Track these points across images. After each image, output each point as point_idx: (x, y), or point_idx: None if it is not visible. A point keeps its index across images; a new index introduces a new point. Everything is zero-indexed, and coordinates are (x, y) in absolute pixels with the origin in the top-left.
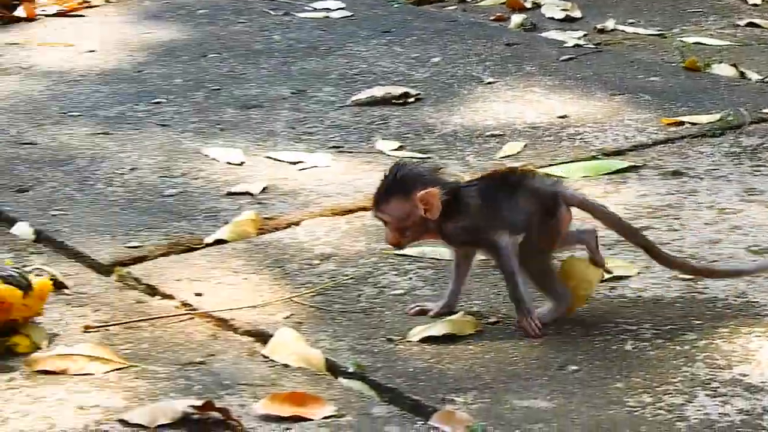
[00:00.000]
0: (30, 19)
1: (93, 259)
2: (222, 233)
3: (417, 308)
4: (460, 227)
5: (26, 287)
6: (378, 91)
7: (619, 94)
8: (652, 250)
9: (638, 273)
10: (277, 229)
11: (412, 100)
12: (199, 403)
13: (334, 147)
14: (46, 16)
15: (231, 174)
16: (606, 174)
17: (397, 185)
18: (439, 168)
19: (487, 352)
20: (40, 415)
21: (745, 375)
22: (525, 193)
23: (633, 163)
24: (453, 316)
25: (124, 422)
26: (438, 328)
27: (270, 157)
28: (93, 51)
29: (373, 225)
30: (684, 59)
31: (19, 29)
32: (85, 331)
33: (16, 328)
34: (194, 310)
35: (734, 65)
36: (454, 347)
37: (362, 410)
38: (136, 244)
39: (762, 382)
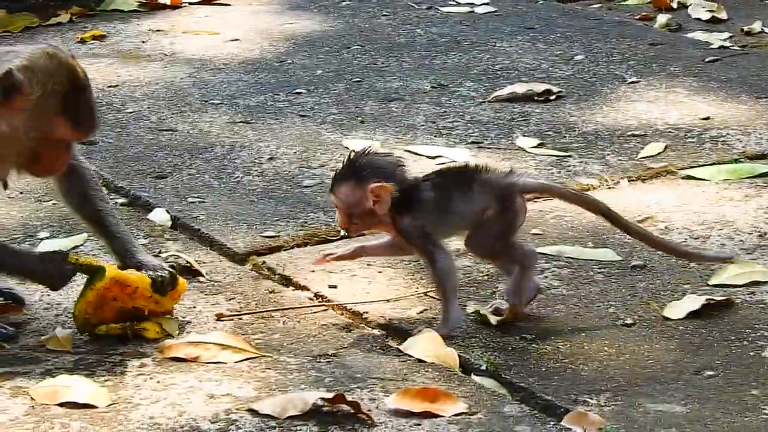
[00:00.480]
0: (175, 6)
1: (228, 248)
2: None
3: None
4: (413, 225)
5: (165, 289)
6: (519, 88)
7: (765, 97)
8: (616, 220)
9: None
10: None
11: (553, 97)
12: (329, 395)
13: (473, 142)
14: (191, 3)
15: None
16: (748, 178)
17: (353, 172)
18: (401, 162)
19: (622, 354)
20: (170, 402)
21: None
22: (479, 187)
23: None
24: None
25: (253, 412)
26: None
27: (409, 151)
28: (236, 40)
29: None
30: None
31: (163, 16)
32: (218, 320)
33: (142, 317)
34: (328, 301)
35: None
36: (588, 347)
37: (493, 408)
38: (271, 233)
39: None
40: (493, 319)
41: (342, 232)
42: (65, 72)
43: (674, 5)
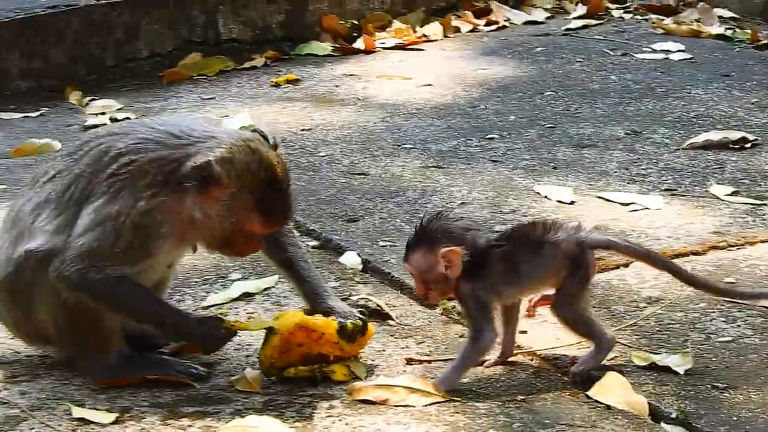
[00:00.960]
0: (369, 51)
1: None
2: None
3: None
4: (473, 291)
5: (354, 336)
6: (715, 135)
7: None
8: (681, 274)
9: None
10: (605, 270)
11: (749, 145)
12: None
13: (666, 189)
14: (384, 48)
15: (561, 212)
16: None
17: (424, 237)
18: (473, 226)
19: None
20: None
21: None
22: (550, 249)
23: None
24: None
25: None
26: None
27: (601, 197)
28: (429, 85)
29: (704, 271)
30: None
31: (357, 61)
32: (407, 364)
33: (328, 362)
34: (518, 347)
35: None
36: None
37: None
38: None
39: None
40: (681, 368)
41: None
42: (264, 168)
43: None
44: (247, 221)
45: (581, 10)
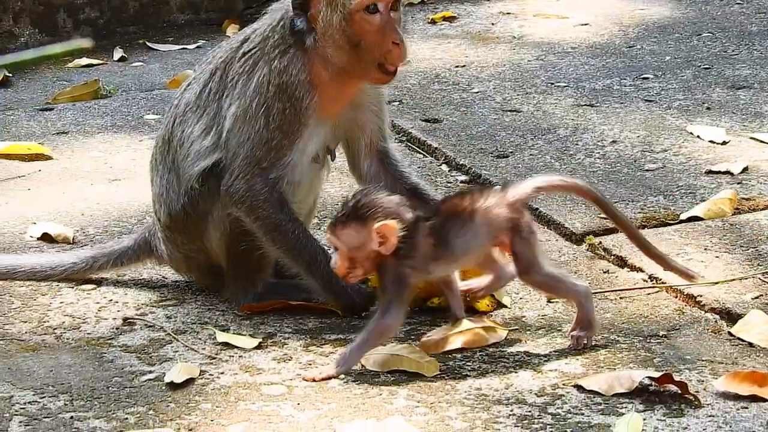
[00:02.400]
0: None
1: (566, 227)
2: (698, 210)
3: None
4: (395, 267)
5: None
6: None
7: None
8: (605, 206)
9: None
10: (754, 210)
11: None
12: (657, 375)
13: None
14: None
15: (712, 153)
16: None
17: (355, 213)
18: (405, 201)
19: None
20: (498, 374)
21: None
22: (482, 217)
23: None
24: None
25: (580, 388)
26: None
27: (754, 138)
28: (585, 24)
29: None
30: None
31: (514, 0)
32: (548, 302)
33: None
34: (662, 284)
35: None
36: None
37: None
38: None
39: None
40: None
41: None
42: None
43: None
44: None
45: None
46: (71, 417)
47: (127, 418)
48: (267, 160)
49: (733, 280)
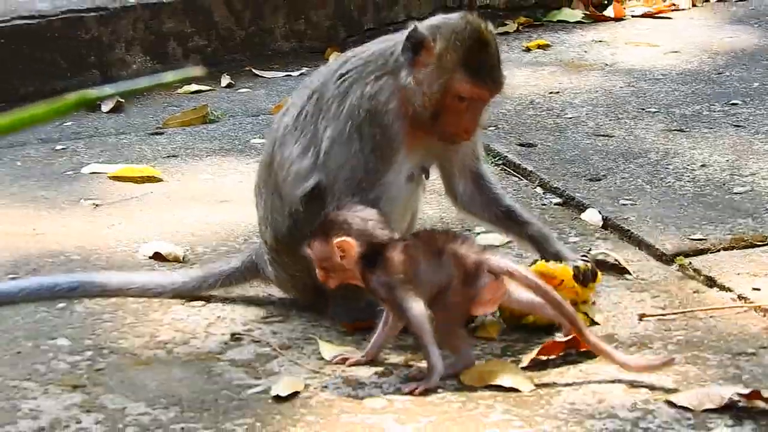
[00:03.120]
0: (618, 18)
1: (656, 248)
2: None
3: (339, 357)
4: (379, 281)
5: (588, 279)
6: None
7: None
8: (576, 324)
9: None
10: None
11: None
12: (746, 391)
13: None
14: (633, 16)
15: None
16: None
17: (323, 227)
18: (375, 218)
19: None
20: (591, 390)
21: None
22: (448, 258)
23: None
24: None
25: (670, 404)
26: None
27: None
28: (676, 52)
29: None
30: None
31: (606, 28)
32: (640, 320)
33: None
34: (751, 303)
35: None
36: None
37: None
38: (699, 236)
39: None
40: None
41: None
42: (469, 30)
43: None
44: (455, 80)
45: None
46: (182, 428)
47: (234, 430)
48: (366, 180)
49: None
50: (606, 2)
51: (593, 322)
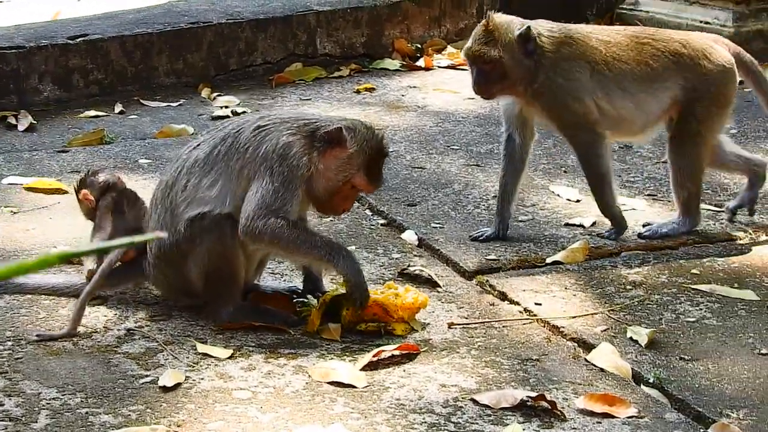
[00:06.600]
0: (428, 68)
1: (460, 266)
2: (559, 256)
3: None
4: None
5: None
6: None
7: None
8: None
9: None
10: (601, 257)
11: None
12: (533, 393)
13: (649, 195)
14: (440, 67)
15: (569, 208)
16: None
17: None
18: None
19: (758, 378)
20: (413, 388)
21: None
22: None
23: None
24: None
25: (475, 401)
26: None
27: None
28: (472, 98)
29: (678, 265)
30: None
31: (418, 76)
32: (449, 328)
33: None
34: (534, 316)
35: None
36: (731, 370)
37: (657, 414)
38: (493, 257)
39: None
40: (642, 340)
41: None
42: (376, 140)
43: None
44: (357, 177)
45: None
46: (86, 412)
47: (129, 415)
48: (275, 204)
49: (587, 315)
50: (418, 55)
51: (413, 330)
